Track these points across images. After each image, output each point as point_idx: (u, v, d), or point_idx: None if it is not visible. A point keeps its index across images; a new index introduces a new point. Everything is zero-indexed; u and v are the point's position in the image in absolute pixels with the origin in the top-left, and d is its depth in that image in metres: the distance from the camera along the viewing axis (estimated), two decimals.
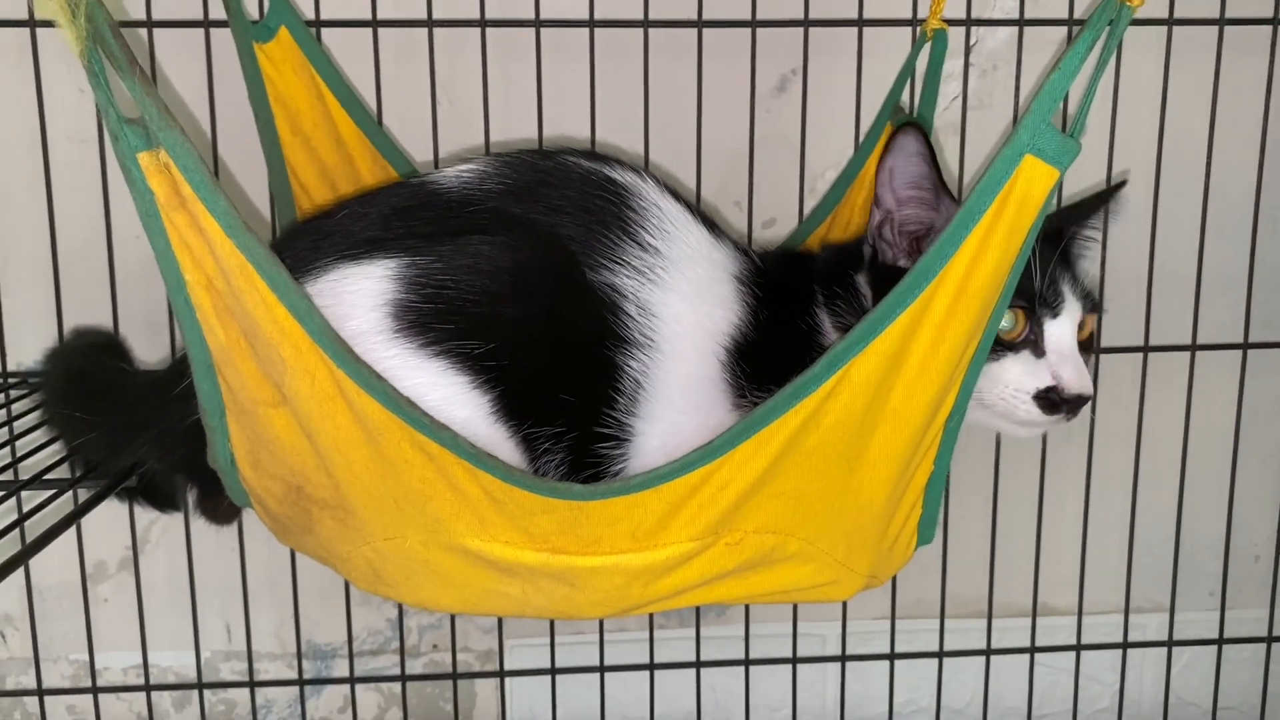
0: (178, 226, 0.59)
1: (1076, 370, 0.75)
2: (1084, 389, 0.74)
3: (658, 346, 0.74)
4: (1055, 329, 0.76)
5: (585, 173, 0.77)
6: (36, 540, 0.70)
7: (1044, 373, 0.75)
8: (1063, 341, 0.76)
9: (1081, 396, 0.74)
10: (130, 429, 0.76)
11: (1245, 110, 1.07)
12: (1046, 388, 0.74)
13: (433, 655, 1.21)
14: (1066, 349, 0.76)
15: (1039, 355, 0.76)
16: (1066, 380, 0.74)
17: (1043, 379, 0.75)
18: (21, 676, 1.17)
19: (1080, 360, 0.76)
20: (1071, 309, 0.76)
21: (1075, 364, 0.75)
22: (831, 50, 1.04)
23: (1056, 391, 0.74)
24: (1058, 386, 0.74)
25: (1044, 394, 0.74)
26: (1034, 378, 0.75)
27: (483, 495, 0.65)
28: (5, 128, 1.03)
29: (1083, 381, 0.75)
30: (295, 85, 0.89)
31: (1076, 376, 0.74)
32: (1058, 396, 0.74)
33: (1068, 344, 0.76)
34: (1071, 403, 0.74)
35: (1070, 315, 0.76)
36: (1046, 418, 0.75)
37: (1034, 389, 0.75)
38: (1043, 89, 0.59)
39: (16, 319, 1.05)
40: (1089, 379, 0.75)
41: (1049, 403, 0.74)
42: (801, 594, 0.74)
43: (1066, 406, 0.74)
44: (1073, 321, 0.76)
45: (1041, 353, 0.76)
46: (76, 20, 0.54)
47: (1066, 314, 0.76)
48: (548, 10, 1.00)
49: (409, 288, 0.68)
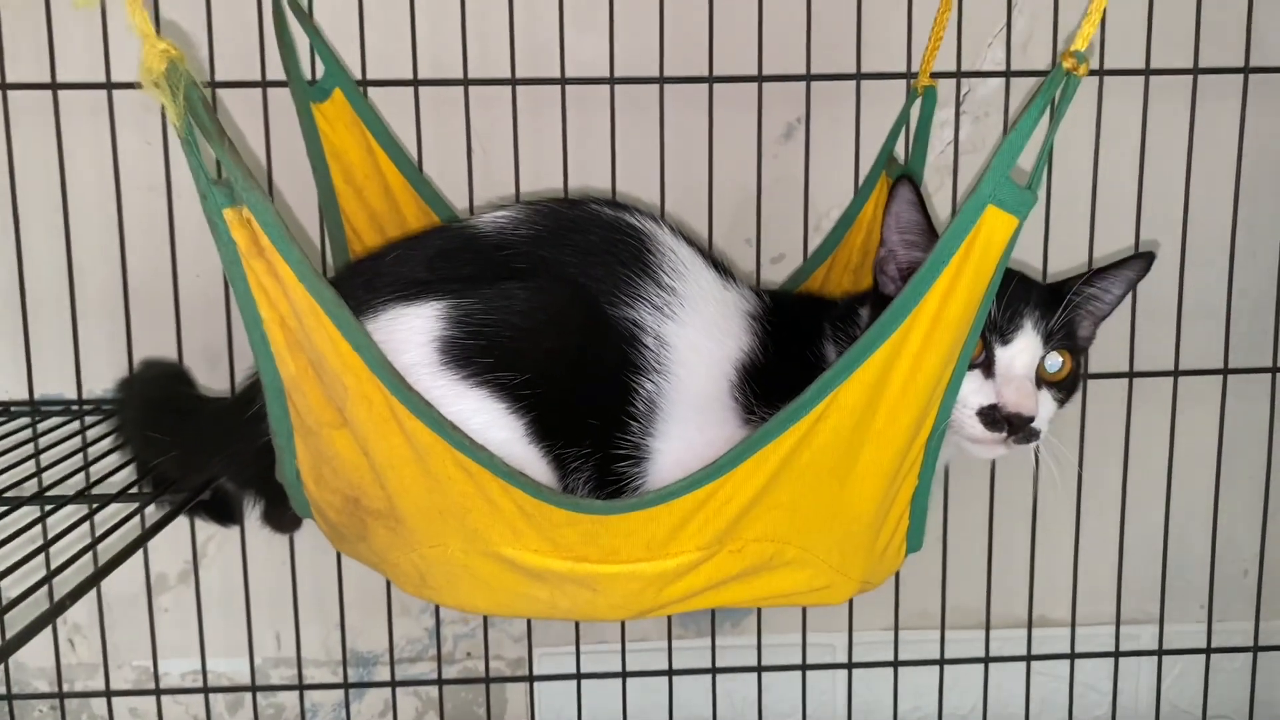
0: (256, 272, 0.68)
1: (1017, 391, 0.80)
2: (1020, 408, 0.79)
3: (673, 374, 0.82)
4: (1005, 354, 0.82)
5: (608, 219, 0.87)
6: (113, 559, 0.76)
7: (989, 391, 0.81)
8: (1011, 366, 0.81)
9: (1020, 415, 0.79)
10: (206, 449, 0.86)
11: (1220, 150, 1.15)
12: (989, 405, 0.80)
13: (466, 662, 1.29)
14: (1013, 373, 0.81)
15: (988, 376, 0.82)
16: (1005, 398, 0.80)
17: (987, 397, 0.80)
18: (89, 680, 1.26)
19: (1026, 385, 0.81)
20: (1027, 341, 0.82)
21: (1018, 386, 0.80)
22: (833, 101, 1.13)
23: (997, 409, 0.80)
24: (998, 404, 0.80)
25: (987, 410, 0.80)
26: (979, 395, 0.81)
27: (515, 509, 0.73)
28: (83, 178, 1.13)
29: (1020, 401, 0.80)
30: (348, 141, 0.99)
31: (1015, 396, 0.80)
32: (999, 414, 0.80)
33: (1016, 369, 0.81)
34: (1013, 422, 0.80)
35: (1025, 345, 0.82)
36: (989, 433, 0.80)
37: (978, 405, 0.80)
38: (1001, 148, 0.67)
39: (90, 350, 1.14)
40: (1031, 401, 0.80)
41: (991, 419, 0.80)
42: (800, 598, 0.82)
43: (1009, 426, 0.80)
44: (1028, 351, 0.82)
45: (991, 374, 0.82)
46: (177, 99, 0.64)
47: (1019, 343, 0.82)
48: (572, 69, 1.10)
49: (454, 326, 0.78)
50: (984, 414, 0.80)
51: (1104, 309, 0.89)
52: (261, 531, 1.17)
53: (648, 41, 1.10)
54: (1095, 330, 0.90)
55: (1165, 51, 1.11)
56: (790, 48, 1.11)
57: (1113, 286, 0.87)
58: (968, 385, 0.80)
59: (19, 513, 0.81)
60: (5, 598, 0.68)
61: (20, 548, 0.76)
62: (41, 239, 1.13)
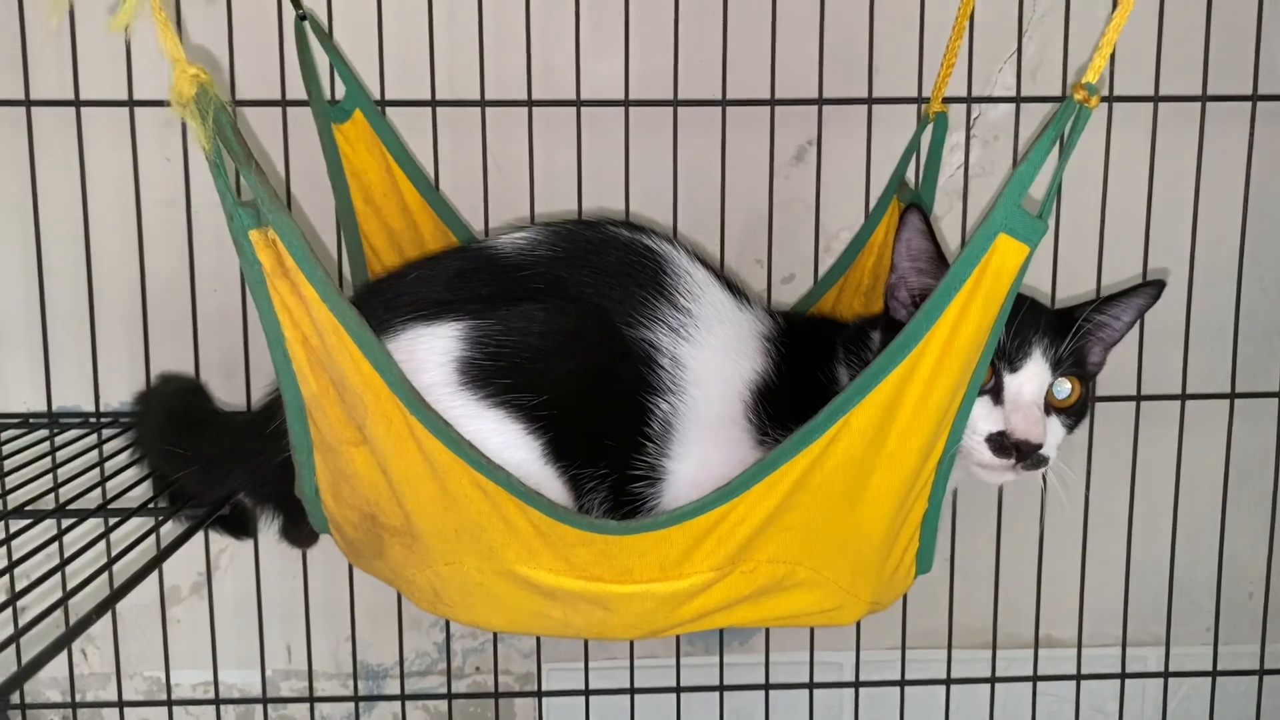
0: (280, 292, 0.70)
1: (1025, 419, 0.80)
2: (1029, 435, 0.80)
3: (688, 395, 0.84)
4: (1014, 381, 0.82)
5: (625, 241, 0.88)
6: (131, 578, 0.77)
7: (998, 418, 0.81)
8: (1020, 393, 0.82)
9: (1028, 442, 0.80)
10: (225, 463, 0.87)
11: (1228, 176, 1.16)
12: (998, 431, 0.81)
13: (475, 677, 1.30)
14: (1022, 400, 0.82)
15: (997, 403, 0.82)
16: (1014, 425, 0.80)
17: (995, 424, 0.81)
18: (101, 690, 1.27)
19: (1035, 413, 0.81)
20: (1036, 368, 0.83)
21: (1026, 413, 0.81)
22: (844, 124, 1.15)
23: (1006, 436, 0.81)
24: (1006, 431, 0.81)
25: (995, 437, 0.81)
26: (988, 421, 0.81)
27: (530, 528, 0.74)
28: (104, 193, 1.14)
29: (1028, 429, 0.80)
30: (368, 161, 1.00)
31: (1024, 424, 0.80)
32: (1007, 440, 0.80)
33: (1025, 396, 0.82)
34: (1022, 449, 0.80)
35: (1033, 373, 0.82)
36: (997, 460, 0.81)
37: (986, 432, 0.81)
38: (1012, 178, 0.68)
39: (108, 363, 1.16)
40: (1039, 429, 0.80)
41: (1000, 446, 0.80)
42: (811, 618, 0.83)
43: (1017, 452, 0.80)
44: (1036, 379, 0.83)
45: (1000, 401, 0.82)
46: (206, 123, 0.65)
47: (1028, 371, 0.82)
48: (588, 92, 1.11)
49: (473, 346, 0.79)
50: (993, 440, 0.81)
51: (1114, 335, 0.89)
52: (274, 545, 1.19)
53: (662, 65, 1.11)
54: (1105, 356, 0.90)
55: (1174, 78, 1.12)
56: (803, 72, 1.13)
57: (1123, 314, 0.88)
58: (977, 411, 0.80)
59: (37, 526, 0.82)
60: (20, 612, 0.69)
61: (37, 563, 0.77)
62: (62, 253, 1.15)
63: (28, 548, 0.78)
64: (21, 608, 0.71)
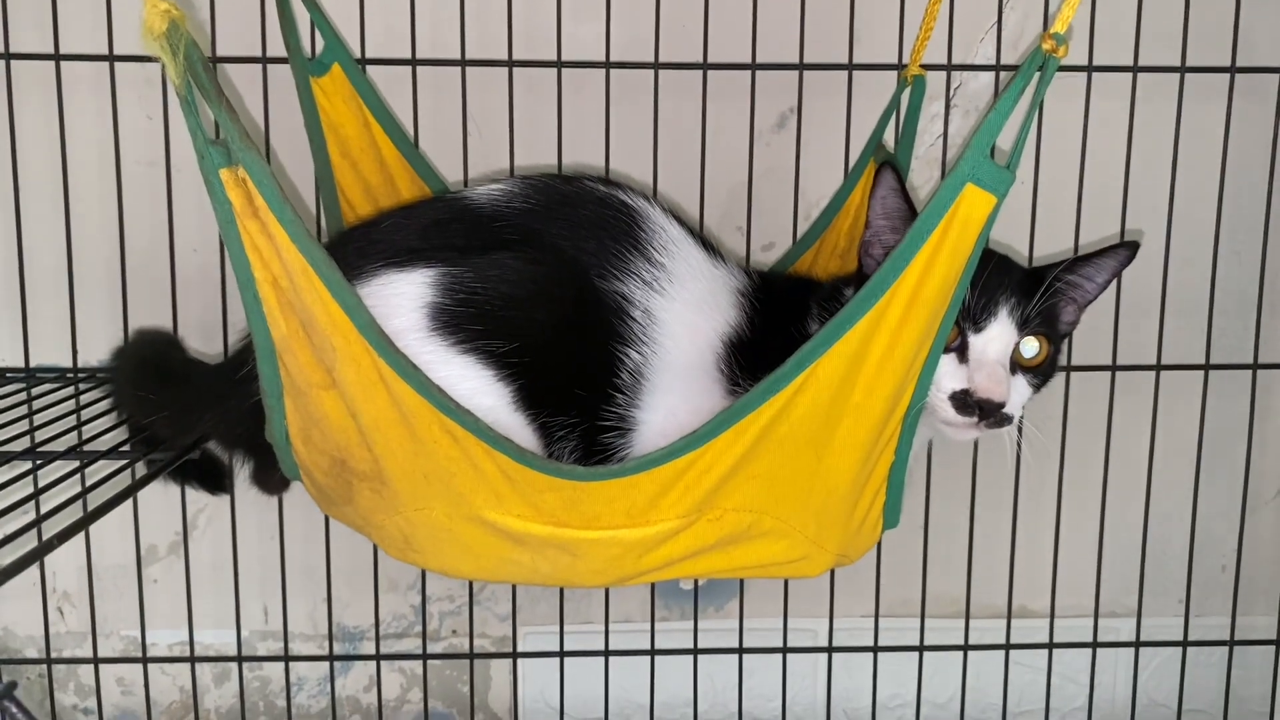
0: (250, 232, 0.70)
1: (989, 378, 0.81)
2: (991, 394, 0.81)
3: (660, 346, 0.84)
4: (979, 340, 0.83)
5: (601, 196, 0.88)
6: (102, 505, 0.78)
7: (962, 376, 0.82)
8: (984, 352, 0.83)
9: (990, 401, 0.81)
10: (197, 408, 0.87)
11: (1206, 148, 1.17)
12: (961, 390, 0.81)
13: (452, 640, 1.31)
14: (986, 359, 0.82)
15: (962, 361, 0.83)
16: (977, 384, 0.81)
17: (959, 382, 0.82)
18: (77, 649, 1.27)
19: (998, 372, 0.82)
20: (1001, 328, 0.83)
21: (989, 372, 0.81)
22: (826, 92, 1.15)
23: (969, 394, 0.81)
24: (970, 389, 0.81)
25: (959, 395, 0.81)
26: (952, 379, 0.82)
27: (499, 473, 0.75)
28: (82, 151, 1.14)
29: (991, 388, 0.81)
30: (345, 114, 1.00)
31: (986, 383, 0.81)
32: (970, 399, 0.81)
33: (989, 355, 0.83)
34: (984, 407, 0.81)
35: (998, 333, 0.83)
36: (960, 418, 0.81)
37: (950, 390, 0.81)
38: (980, 127, 0.69)
39: (87, 322, 1.15)
40: (1001, 388, 0.81)
41: (963, 404, 0.81)
42: (778, 568, 0.83)
43: (980, 411, 0.81)
44: (1001, 339, 0.83)
45: (965, 360, 0.83)
46: (177, 58, 0.65)
47: (993, 330, 0.83)
48: (569, 53, 1.11)
49: (444, 293, 0.79)
50: (956, 398, 0.81)
51: (1088, 295, 0.89)
52: (252, 506, 1.20)
53: (644, 28, 1.12)
54: (1079, 315, 0.90)
55: (1153, 49, 1.13)
56: (784, 37, 1.13)
57: (1096, 274, 0.88)
58: (942, 369, 0.81)
59: (12, 469, 0.82)
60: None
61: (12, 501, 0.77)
62: (41, 211, 1.15)
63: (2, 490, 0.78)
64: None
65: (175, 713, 1.31)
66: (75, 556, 1.21)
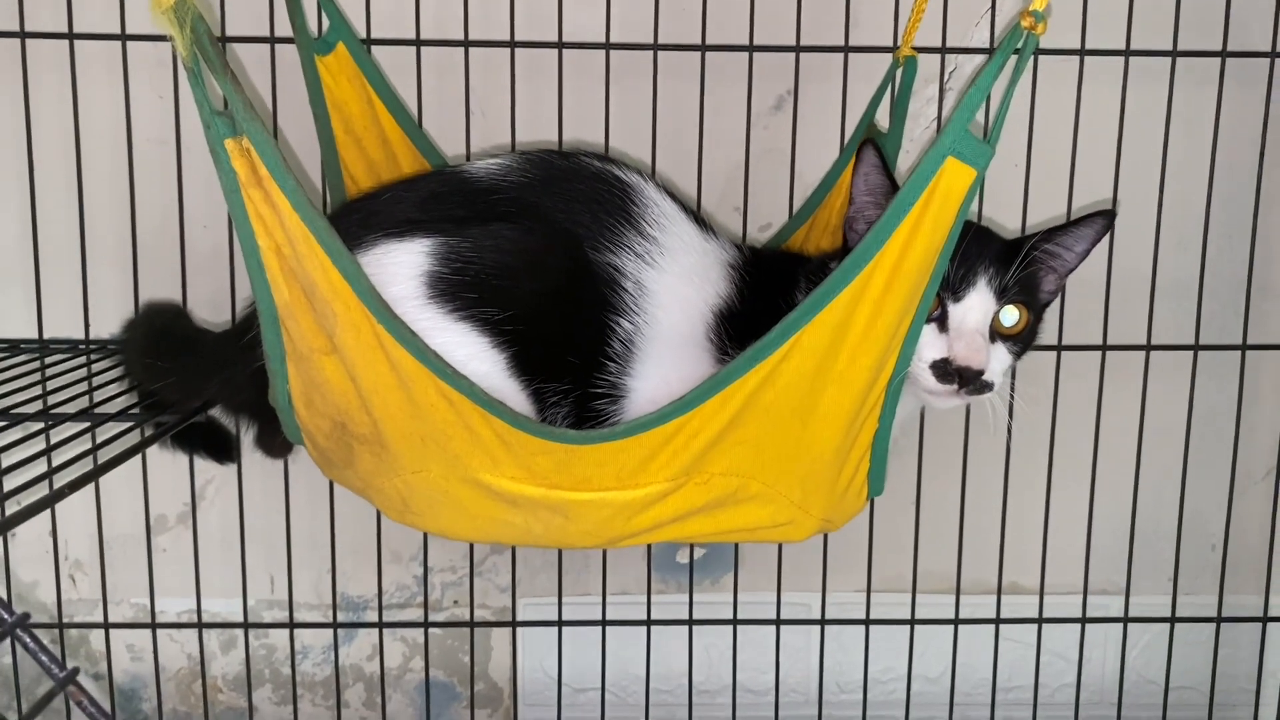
0: (254, 201, 0.72)
1: (968, 346, 0.83)
2: (969, 361, 0.83)
3: (651, 316, 0.87)
4: (958, 310, 0.85)
5: (596, 171, 0.91)
6: (111, 460, 0.80)
7: (942, 345, 0.84)
8: (964, 321, 0.85)
9: (969, 368, 0.83)
10: (203, 373, 0.90)
11: (1198, 131, 1.18)
12: (941, 358, 0.84)
13: (453, 610, 1.34)
14: (965, 328, 0.84)
15: (943, 330, 0.85)
16: (956, 351, 0.83)
17: (939, 350, 0.84)
18: (88, 616, 1.31)
19: (977, 340, 0.84)
20: (980, 297, 0.85)
21: (969, 340, 0.83)
22: (822, 75, 1.17)
23: (949, 362, 0.83)
24: (949, 357, 0.83)
25: (939, 363, 0.83)
26: (932, 349, 0.84)
27: (493, 436, 0.77)
28: (95, 129, 1.17)
29: (969, 355, 0.83)
30: (349, 93, 1.03)
31: (965, 350, 0.83)
32: (950, 366, 0.83)
33: (968, 324, 0.84)
34: (964, 375, 0.83)
35: (977, 302, 0.85)
36: (941, 385, 0.83)
37: (931, 359, 0.83)
38: (961, 101, 0.71)
39: (98, 296, 1.18)
40: (980, 356, 0.83)
41: (943, 372, 0.83)
42: (764, 532, 0.86)
43: (959, 378, 0.83)
44: (980, 308, 0.85)
45: (945, 329, 0.85)
46: (184, 31, 0.68)
47: (971, 299, 0.85)
48: (570, 34, 1.14)
49: (442, 262, 0.82)
50: (936, 367, 0.83)
51: (1067, 265, 0.91)
52: (259, 478, 1.23)
53: (643, 10, 1.14)
54: (1060, 285, 0.92)
55: (1145, 33, 1.14)
56: (781, 20, 1.15)
57: (1073, 243, 0.90)
58: (923, 339, 0.83)
59: (24, 431, 0.85)
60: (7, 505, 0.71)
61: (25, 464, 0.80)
62: (55, 187, 1.18)
63: (14, 447, 0.81)
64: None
65: (183, 679, 1.34)
66: (87, 525, 1.25)
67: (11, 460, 0.74)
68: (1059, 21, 1.06)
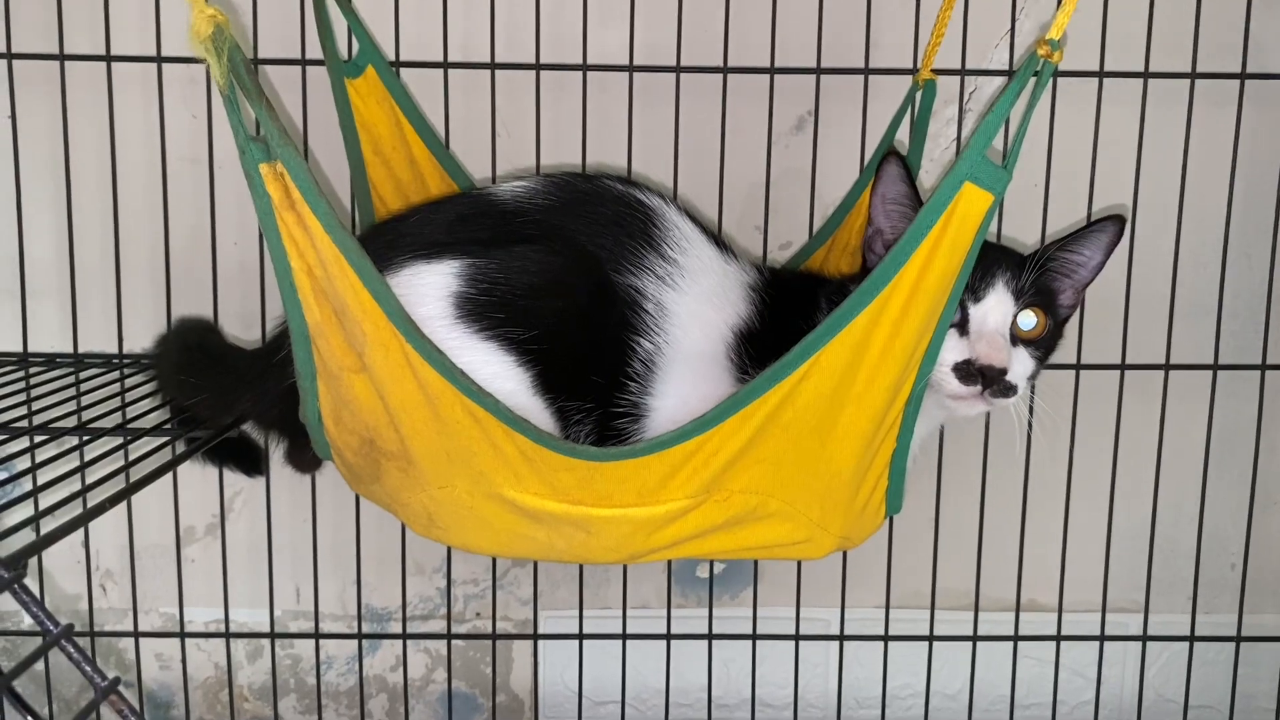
0: (287, 224, 0.74)
1: (989, 345, 0.84)
2: (992, 360, 0.84)
3: (671, 337, 0.88)
4: (978, 311, 0.86)
5: (619, 194, 0.92)
6: (144, 477, 0.81)
7: (963, 348, 0.85)
8: (984, 322, 0.86)
9: (992, 367, 0.84)
10: (236, 390, 0.92)
11: (1217, 153, 1.19)
12: (963, 360, 0.85)
13: (476, 622, 1.35)
14: (985, 328, 0.86)
15: (963, 334, 0.86)
16: (978, 351, 0.84)
17: (961, 353, 0.85)
18: (118, 625, 1.33)
19: (997, 340, 0.85)
20: (999, 298, 0.86)
21: (990, 340, 0.85)
22: (842, 96, 1.18)
23: (971, 363, 0.84)
24: (971, 358, 0.84)
25: (961, 365, 0.84)
26: (954, 352, 0.85)
27: (517, 453, 0.79)
28: (130, 148, 1.20)
29: (991, 354, 0.84)
30: (378, 115, 1.05)
31: (987, 349, 0.84)
32: (972, 367, 0.84)
33: (988, 325, 0.86)
34: (987, 374, 0.84)
35: (996, 302, 0.86)
36: (964, 388, 0.84)
37: (953, 361, 0.85)
38: (978, 129, 0.72)
39: (132, 312, 1.21)
40: (1002, 354, 0.84)
41: (966, 374, 0.84)
42: (783, 549, 0.87)
43: (983, 378, 0.84)
44: (999, 309, 0.86)
45: (966, 333, 0.86)
46: (221, 60, 0.70)
47: (990, 300, 0.86)
48: (594, 57, 1.16)
49: (469, 283, 0.84)
50: (959, 369, 0.84)
51: (1084, 275, 0.92)
52: (286, 491, 1.25)
53: (666, 33, 1.16)
54: (1078, 298, 0.93)
55: (1164, 56, 1.15)
56: (803, 42, 1.16)
57: (1086, 250, 0.91)
58: (944, 344, 0.84)
59: (59, 445, 0.88)
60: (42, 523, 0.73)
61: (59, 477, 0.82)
62: (90, 205, 1.21)
63: (51, 463, 0.83)
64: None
65: (210, 688, 1.37)
66: (117, 536, 1.28)
67: (46, 477, 0.76)
68: (1078, 43, 1.08)
